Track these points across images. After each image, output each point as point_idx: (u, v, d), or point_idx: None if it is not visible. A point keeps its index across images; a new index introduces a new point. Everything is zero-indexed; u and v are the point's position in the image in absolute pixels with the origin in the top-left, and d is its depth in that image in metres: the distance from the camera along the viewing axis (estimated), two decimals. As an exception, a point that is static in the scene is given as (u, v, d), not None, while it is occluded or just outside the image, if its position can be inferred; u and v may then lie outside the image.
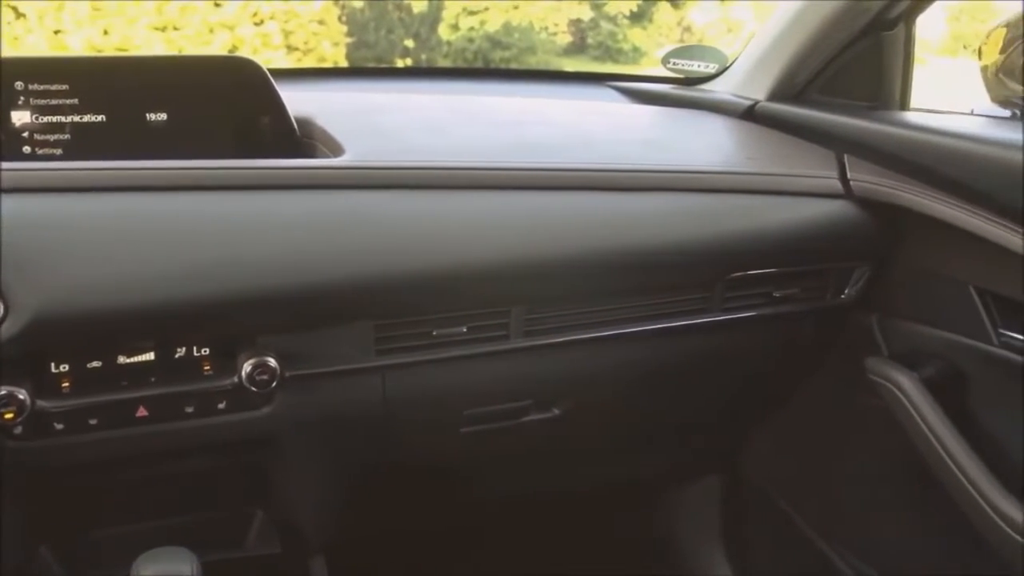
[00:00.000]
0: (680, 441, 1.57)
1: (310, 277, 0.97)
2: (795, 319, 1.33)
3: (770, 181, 1.22)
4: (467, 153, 1.14)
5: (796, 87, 1.44)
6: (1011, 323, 1.19)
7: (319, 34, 8.03)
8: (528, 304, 1.12)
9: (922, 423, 1.22)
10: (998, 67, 1.31)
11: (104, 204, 0.93)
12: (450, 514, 1.53)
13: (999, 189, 1.10)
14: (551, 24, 11.27)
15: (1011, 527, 1.10)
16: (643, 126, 1.43)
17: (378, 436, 1.18)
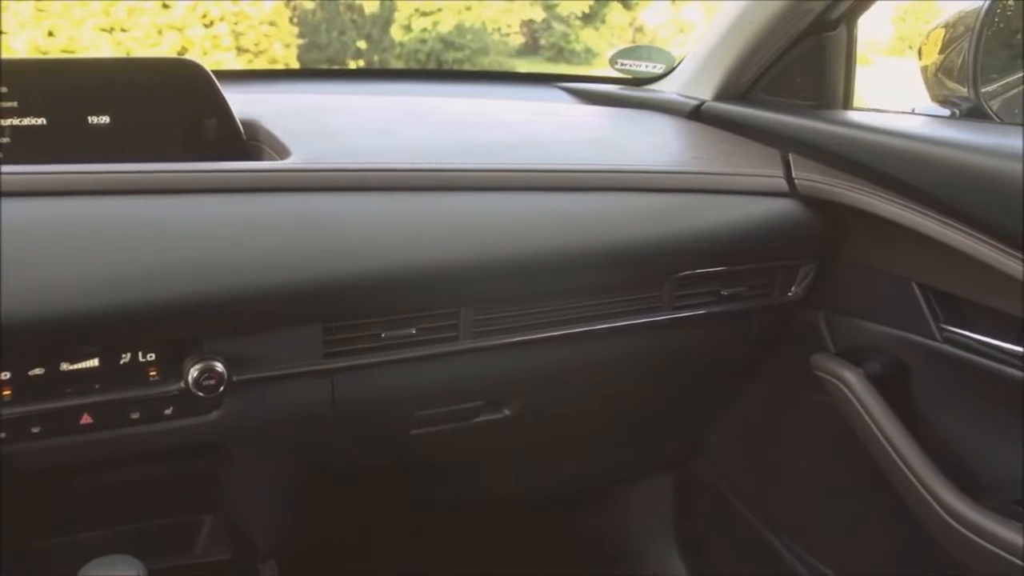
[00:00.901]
0: (632, 440, 1.58)
1: (256, 280, 0.96)
2: (743, 317, 1.34)
3: (716, 180, 1.23)
4: (414, 154, 1.13)
5: (742, 87, 1.45)
6: (953, 319, 1.21)
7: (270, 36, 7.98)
8: (477, 305, 1.12)
9: (867, 418, 1.24)
10: (937, 67, 1.33)
11: (43, 209, 0.91)
12: (402, 517, 1.53)
13: (938, 187, 1.11)
14: (504, 25, 11.29)
15: (955, 519, 1.12)
16: (591, 126, 1.44)
17: (328, 439, 1.17)
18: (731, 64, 1.43)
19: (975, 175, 1.08)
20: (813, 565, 1.50)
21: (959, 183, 1.09)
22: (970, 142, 1.12)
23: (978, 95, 1.26)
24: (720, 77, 1.45)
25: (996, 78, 1.37)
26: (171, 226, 0.94)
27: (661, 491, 1.73)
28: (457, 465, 1.41)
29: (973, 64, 1.24)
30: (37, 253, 0.88)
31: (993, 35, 1.36)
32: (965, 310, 1.20)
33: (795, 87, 1.42)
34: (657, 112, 1.52)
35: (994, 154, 1.07)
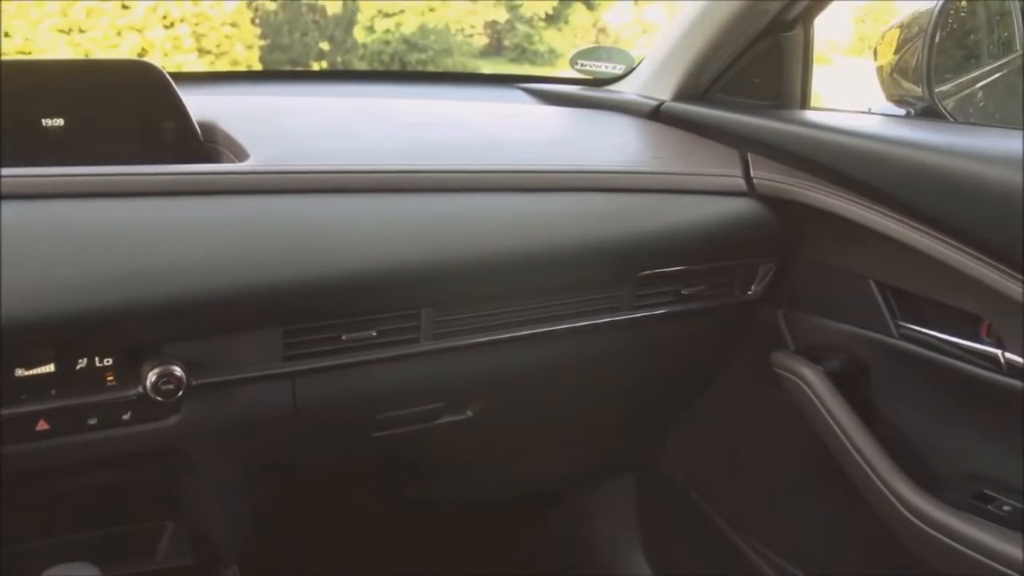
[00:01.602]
0: (595, 440, 1.58)
1: (215, 284, 0.95)
2: (704, 316, 1.34)
3: (675, 180, 1.24)
4: (373, 156, 1.13)
5: (700, 87, 1.46)
6: (909, 315, 1.22)
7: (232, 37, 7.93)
8: (438, 306, 1.12)
9: (827, 414, 1.25)
10: (893, 67, 1.34)
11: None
12: (366, 521, 1.52)
13: (893, 185, 1.13)
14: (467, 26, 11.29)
15: (913, 515, 1.13)
16: (550, 127, 1.44)
17: (289, 443, 1.16)
18: (690, 64, 1.44)
19: (930, 174, 1.09)
20: (777, 563, 1.51)
21: (914, 182, 1.11)
22: (924, 141, 1.13)
23: (932, 95, 1.27)
24: (679, 77, 1.46)
25: (950, 78, 1.39)
26: (126, 230, 0.93)
27: (625, 491, 1.74)
28: (420, 467, 1.41)
29: (927, 64, 1.26)
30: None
31: (947, 36, 1.38)
32: (922, 307, 1.21)
33: (753, 87, 1.43)
34: (617, 112, 1.53)
35: (948, 153, 1.09)
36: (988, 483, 1.16)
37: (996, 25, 1.51)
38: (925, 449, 1.24)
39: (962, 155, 1.07)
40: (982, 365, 1.13)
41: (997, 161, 1.05)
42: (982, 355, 1.13)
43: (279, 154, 1.09)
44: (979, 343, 1.13)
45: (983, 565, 1.05)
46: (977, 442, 1.19)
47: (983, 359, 1.13)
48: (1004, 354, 1.10)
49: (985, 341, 1.13)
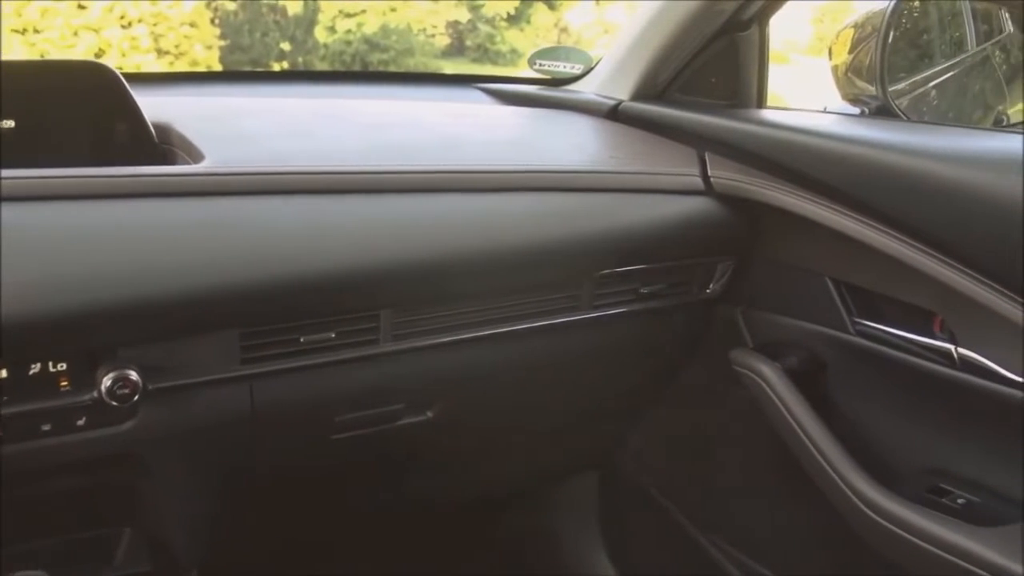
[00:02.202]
0: (557, 439, 1.58)
1: (170, 287, 0.94)
2: (663, 314, 1.35)
3: (633, 179, 1.24)
4: (332, 157, 1.12)
5: (658, 87, 1.46)
6: (865, 312, 1.24)
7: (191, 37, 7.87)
8: (397, 307, 1.11)
9: (785, 411, 1.26)
10: (847, 66, 1.36)
11: None
12: (327, 524, 1.51)
13: (847, 183, 1.14)
14: (429, 26, 11.27)
15: (871, 509, 1.14)
16: (509, 127, 1.44)
17: (248, 447, 1.15)
18: (647, 64, 1.45)
19: (884, 172, 1.10)
20: (740, 560, 1.52)
21: (869, 180, 1.12)
22: (879, 140, 1.15)
23: (886, 94, 1.29)
24: (637, 77, 1.46)
25: (904, 77, 1.41)
26: (80, 233, 0.92)
27: (587, 490, 1.74)
28: (381, 469, 1.40)
29: (880, 64, 1.27)
30: None
31: (901, 35, 1.40)
32: (877, 304, 1.23)
33: (710, 87, 1.43)
34: (575, 112, 1.53)
35: (903, 152, 1.10)
36: (943, 477, 1.17)
37: (948, 25, 1.53)
38: (882, 444, 1.25)
39: (916, 153, 1.09)
40: (936, 360, 1.14)
41: (951, 159, 1.06)
42: (936, 350, 1.14)
43: (235, 155, 1.08)
44: (933, 339, 1.15)
45: (938, 557, 1.06)
46: (932, 436, 1.20)
47: (937, 354, 1.14)
48: (957, 349, 1.11)
49: (939, 337, 1.14)
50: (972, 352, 1.10)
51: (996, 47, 1.59)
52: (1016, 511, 1.09)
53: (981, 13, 1.55)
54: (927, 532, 1.08)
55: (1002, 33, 1.58)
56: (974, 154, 1.08)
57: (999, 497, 1.12)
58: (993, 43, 1.59)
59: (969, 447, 1.16)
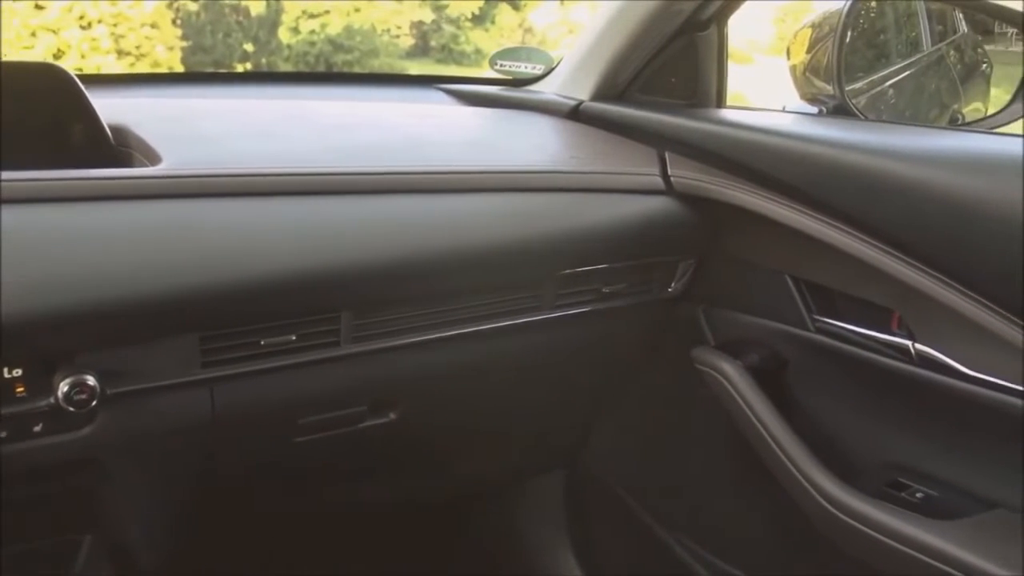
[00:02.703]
0: (521, 439, 1.58)
1: (127, 292, 0.93)
2: (625, 313, 1.35)
3: (594, 179, 1.25)
4: (291, 158, 1.12)
5: (618, 87, 1.47)
6: (824, 309, 1.25)
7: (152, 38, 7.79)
8: (358, 309, 1.11)
9: (746, 408, 1.27)
10: (805, 66, 1.37)
11: None
12: (291, 526, 1.51)
13: (806, 181, 1.15)
14: (393, 27, 11.25)
15: (831, 504, 1.15)
16: (470, 127, 1.44)
17: (209, 450, 1.15)
18: (607, 64, 1.45)
19: (841, 171, 1.11)
20: (706, 558, 1.52)
21: (826, 179, 1.13)
22: (836, 139, 1.16)
23: (843, 93, 1.30)
24: (597, 77, 1.47)
25: (862, 76, 1.42)
26: (32, 237, 0.90)
27: (552, 490, 1.74)
28: (344, 471, 1.39)
29: (837, 63, 1.28)
30: None
31: (858, 35, 1.42)
32: (836, 301, 1.24)
33: (670, 86, 1.44)
34: (536, 113, 1.53)
35: (859, 150, 1.11)
36: (902, 471, 1.19)
37: (904, 25, 1.55)
38: (842, 440, 1.26)
39: (874, 152, 1.10)
40: (894, 356, 1.15)
41: (907, 158, 1.07)
42: (894, 347, 1.15)
43: (193, 157, 1.07)
44: (891, 335, 1.16)
45: (897, 551, 1.07)
46: (891, 431, 1.22)
47: (895, 350, 1.15)
48: (915, 345, 1.13)
49: (896, 333, 1.16)
50: (929, 348, 1.11)
51: (951, 47, 1.61)
52: (972, 504, 1.10)
53: (936, 14, 1.57)
54: (886, 526, 1.09)
55: (956, 33, 1.60)
56: (930, 153, 1.09)
57: (956, 490, 1.14)
58: (948, 43, 1.61)
59: (927, 442, 1.18)
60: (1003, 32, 1.53)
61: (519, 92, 1.62)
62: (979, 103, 1.59)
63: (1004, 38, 1.53)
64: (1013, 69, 1.46)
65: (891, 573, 1.11)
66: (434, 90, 1.68)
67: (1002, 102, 1.47)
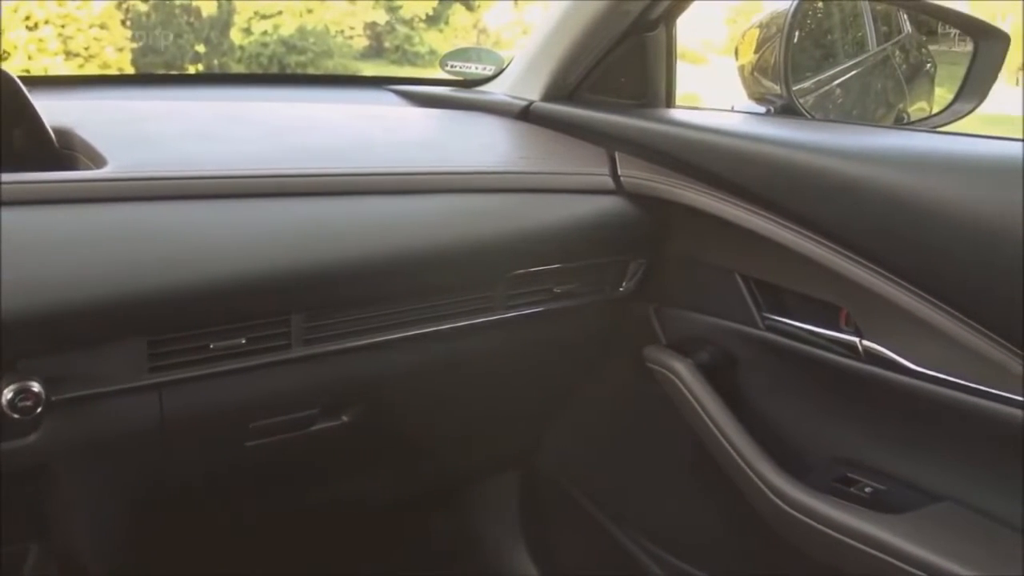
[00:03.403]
0: (474, 440, 1.58)
1: (71, 296, 0.91)
2: (577, 313, 1.36)
3: (544, 180, 1.25)
4: (238, 161, 1.11)
5: (568, 87, 1.47)
6: (774, 307, 1.26)
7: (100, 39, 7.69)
8: (309, 312, 1.10)
9: (698, 406, 1.27)
10: (753, 66, 1.38)
11: None
12: (243, 530, 1.49)
13: (753, 181, 1.16)
14: (347, 28, 11.18)
15: (781, 500, 1.16)
16: (420, 128, 1.44)
17: (159, 456, 1.13)
18: (557, 65, 1.45)
19: (788, 170, 1.13)
20: (660, 556, 1.53)
21: (773, 177, 1.14)
22: (783, 138, 1.17)
23: (790, 93, 1.31)
24: (547, 78, 1.47)
25: (810, 76, 1.44)
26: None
27: (507, 491, 1.74)
28: (297, 474, 1.38)
29: (784, 63, 1.30)
30: None
31: (806, 35, 1.43)
32: (785, 299, 1.25)
33: (620, 86, 1.44)
34: (486, 113, 1.53)
35: (805, 149, 1.12)
36: (851, 466, 1.20)
37: (850, 26, 1.57)
38: (792, 436, 1.28)
39: (819, 151, 1.11)
40: (842, 353, 1.17)
41: (852, 157, 1.09)
42: (842, 343, 1.16)
43: (138, 160, 1.06)
44: (839, 332, 1.17)
45: (846, 545, 1.09)
46: (840, 427, 1.23)
47: (843, 347, 1.16)
48: (862, 342, 1.14)
49: (844, 330, 1.17)
50: (876, 344, 1.12)
51: (896, 47, 1.63)
52: (920, 497, 1.12)
53: (881, 15, 1.59)
54: (835, 521, 1.10)
55: (901, 34, 1.63)
56: (875, 152, 1.10)
57: (903, 485, 1.15)
58: (893, 43, 1.63)
59: (875, 437, 1.19)
60: (946, 33, 1.55)
61: (469, 93, 1.62)
62: (924, 102, 1.61)
63: (947, 39, 1.56)
64: (956, 69, 1.48)
65: (841, 567, 1.12)
66: (384, 91, 1.67)
67: (946, 101, 1.49)
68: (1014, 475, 1.05)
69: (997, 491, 1.07)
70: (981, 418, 1.03)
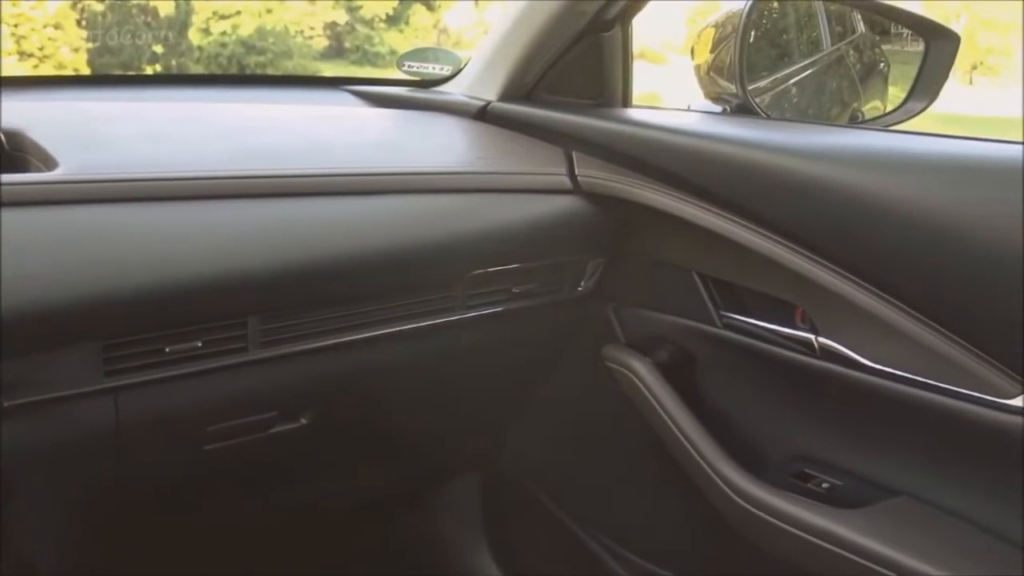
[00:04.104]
0: (436, 441, 1.57)
1: (22, 300, 0.90)
2: (536, 313, 1.36)
3: (501, 180, 1.25)
4: (192, 162, 1.10)
5: (525, 87, 1.47)
6: (731, 306, 1.27)
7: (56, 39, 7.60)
8: (266, 314, 1.09)
9: (657, 405, 1.28)
10: (709, 66, 1.39)
11: None
12: (204, 534, 1.48)
13: (709, 180, 1.17)
14: (307, 28, 11.12)
15: (740, 496, 1.17)
16: (377, 129, 1.43)
17: (115, 461, 1.12)
18: (514, 65, 1.45)
19: (743, 168, 1.13)
20: (622, 555, 1.54)
21: (729, 176, 1.15)
22: (738, 137, 1.18)
23: (745, 92, 1.32)
24: (504, 78, 1.46)
25: (765, 75, 1.45)
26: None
27: (469, 492, 1.74)
28: (257, 477, 1.37)
29: (739, 63, 1.31)
30: None
31: (762, 35, 1.44)
32: (742, 297, 1.26)
33: (576, 86, 1.44)
34: (444, 114, 1.52)
35: (760, 148, 1.13)
36: (809, 462, 1.21)
37: (805, 25, 1.58)
38: (750, 433, 1.29)
39: (774, 150, 1.12)
40: (798, 350, 1.18)
41: (806, 156, 1.09)
42: (798, 340, 1.17)
43: (90, 162, 1.04)
44: (795, 329, 1.18)
45: (804, 540, 1.09)
46: (797, 424, 1.24)
47: (799, 344, 1.17)
48: (818, 339, 1.15)
49: (800, 327, 1.18)
50: (831, 341, 1.13)
51: (850, 47, 1.64)
52: (876, 492, 1.13)
53: (835, 15, 1.60)
54: (792, 516, 1.11)
55: (855, 34, 1.64)
56: (829, 150, 1.11)
57: (860, 480, 1.16)
58: (847, 43, 1.65)
59: (831, 433, 1.20)
60: (899, 32, 1.57)
61: (427, 93, 1.62)
62: (878, 101, 1.63)
63: (900, 38, 1.58)
64: (909, 68, 1.50)
65: (799, 562, 1.13)
66: (341, 92, 1.66)
67: (899, 100, 1.51)
68: (967, 469, 1.07)
69: (952, 485, 1.08)
70: (935, 413, 1.04)
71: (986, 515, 1.05)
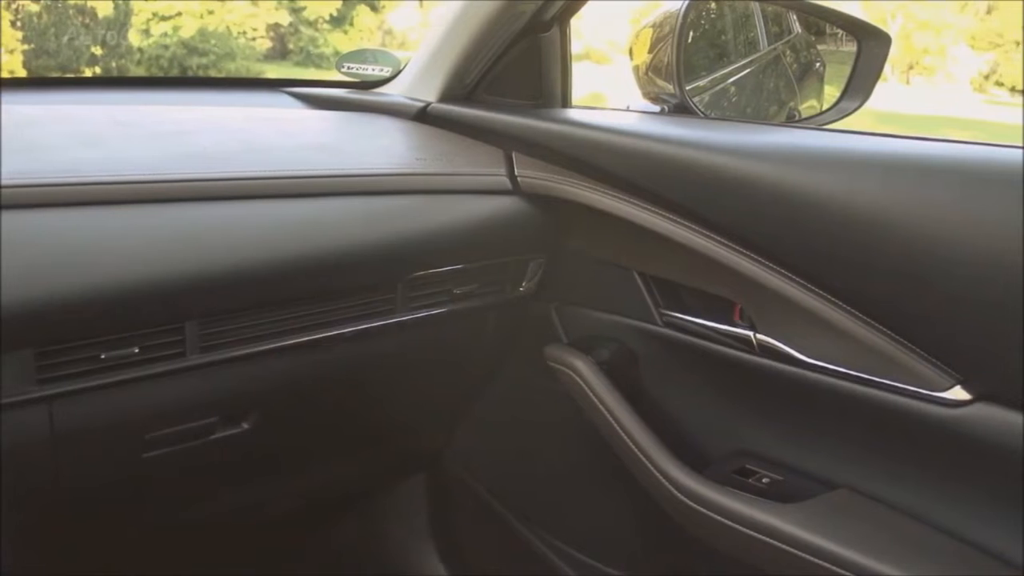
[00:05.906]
0: (379, 443, 1.57)
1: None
2: (478, 314, 1.36)
3: (440, 181, 1.25)
4: (126, 166, 1.08)
5: (465, 88, 1.47)
6: (671, 303, 1.28)
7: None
8: (203, 318, 1.08)
9: (599, 404, 1.28)
10: (647, 66, 1.40)
11: None
12: (145, 542, 1.46)
13: (647, 179, 1.17)
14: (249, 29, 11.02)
15: (682, 493, 1.18)
16: (316, 131, 1.42)
17: (51, 470, 1.10)
18: (453, 66, 1.45)
19: (680, 167, 1.14)
20: (570, 555, 1.54)
21: (666, 175, 1.16)
22: (675, 137, 1.19)
23: (683, 92, 1.33)
24: (443, 79, 1.46)
25: (704, 75, 1.46)
26: None
27: (415, 493, 1.73)
28: (198, 484, 1.36)
29: (676, 63, 1.31)
30: None
31: (701, 35, 1.45)
32: (682, 295, 1.27)
33: (516, 87, 1.45)
34: (383, 115, 1.52)
35: (696, 147, 1.14)
36: (749, 458, 1.22)
37: (742, 26, 1.60)
38: (692, 430, 1.30)
39: (710, 149, 1.13)
40: (737, 347, 1.19)
41: (741, 154, 1.11)
42: (737, 337, 1.19)
43: (21, 167, 1.02)
44: (734, 326, 1.19)
45: (747, 535, 1.11)
46: (737, 420, 1.25)
47: (738, 341, 1.19)
48: (756, 335, 1.16)
49: (739, 324, 1.19)
50: (768, 337, 1.15)
51: (786, 47, 1.66)
52: (815, 486, 1.15)
53: (771, 15, 1.62)
54: (735, 512, 1.12)
55: (791, 34, 1.66)
56: (764, 149, 1.12)
57: (800, 474, 1.18)
58: (784, 43, 1.66)
59: (771, 428, 1.22)
60: (833, 33, 1.59)
61: (366, 95, 1.61)
62: (814, 100, 1.65)
63: (834, 39, 1.60)
64: (845, 68, 1.52)
65: (743, 557, 1.14)
66: (280, 94, 1.65)
67: (834, 99, 1.53)
68: (904, 461, 1.09)
69: (889, 477, 1.10)
70: (871, 408, 1.06)
71: (922, 505, 1.07)
